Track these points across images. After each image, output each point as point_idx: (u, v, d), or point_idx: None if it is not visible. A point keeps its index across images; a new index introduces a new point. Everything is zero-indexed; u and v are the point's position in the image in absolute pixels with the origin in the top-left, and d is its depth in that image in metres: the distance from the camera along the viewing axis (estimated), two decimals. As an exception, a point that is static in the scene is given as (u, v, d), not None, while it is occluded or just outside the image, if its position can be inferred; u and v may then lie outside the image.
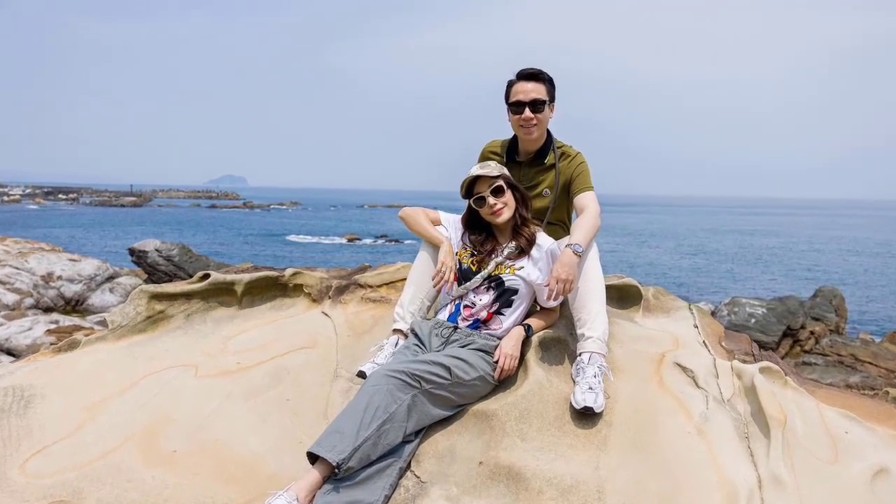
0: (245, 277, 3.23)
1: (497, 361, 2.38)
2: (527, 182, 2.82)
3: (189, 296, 3.17)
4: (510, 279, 2.53)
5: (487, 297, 2.53)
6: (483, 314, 2.52)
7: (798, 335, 13.86)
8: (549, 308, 2.62)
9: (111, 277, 15.17)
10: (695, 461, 2.10)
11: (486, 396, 2.38)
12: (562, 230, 2.89)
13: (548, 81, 2.74)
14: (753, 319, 13.69)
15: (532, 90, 2.70)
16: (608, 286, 2.77)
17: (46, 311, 12.80)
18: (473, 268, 2.58)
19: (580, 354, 2.42)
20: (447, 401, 2.26)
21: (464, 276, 2.58)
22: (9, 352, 9.74)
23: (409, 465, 2.15)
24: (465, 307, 2.54)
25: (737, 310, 14.01)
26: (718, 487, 2.01)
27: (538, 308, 2.66)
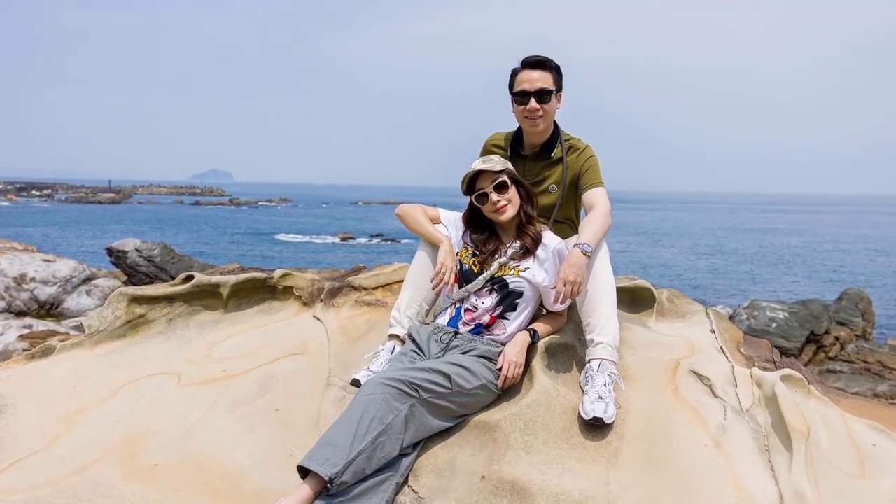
0: (231, 279, 3.23)
1: (500, 369, 2.38)
2: (532, 177, 2.82)
3: (171, 299, 3.17)
4: (514, 281, 2.53)
5: (490, 301, 2.54)
6: (485, 318, 2.53)
7: (822, 341, 13.86)
8: (556, 312, 2.62)
9: (88, 279, 15.17)
10: (712, 476, 2.10)
11: (489, 406, 2.38)
12: (570, 229, 2.90)
13: (555, 69, 2.74)
14: (774, 324, 13.69)
15: (538, 79, 2.70)
16: (619, 289, 2.77)
17: (19, 316, 12.81)
18: (475, 269, 2.58)
19: (589, 361, 2.43)
20: (447, 411, 2.26)
21: (465, 278, 2.58)
22: (-21, 359, 9.75)
23: (407, 480, 2.15)
24: (467, 311, 2.54)
25: (756, 314, 14.01)
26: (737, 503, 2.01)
27: (544, 312, 2.67)
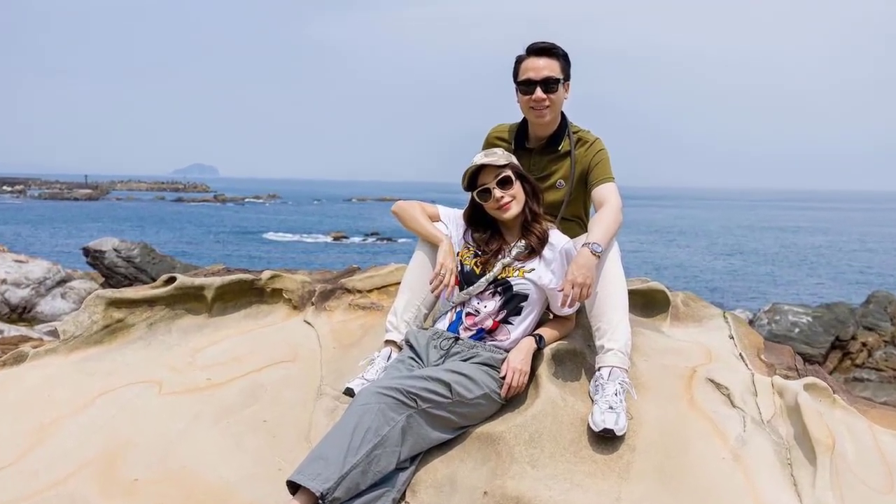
0: (216, 281, 3.23)
1: (504, 377, 2.38)
2: (538, 172, 2.82)
3: (152, 302, 3.17)
4: (519, 283, 2.53)
5: (493, 304, 2.54)
6: (488, 323, 2.53)
7: (848, 347, 13.87)
8: (564, 316, 2.62)
9: (63, 281, 15.18)
10: (730, 491, 2.10)
11: (492, 417, 2.38)
12: (578, 227, 2.90)
13: (562, 57, 2.74)
14: (797, 329, 13.70)
15: (544, 67, 2.70)
16: (631, 291, 2.77)
17: (-11, 320, 12.81)
18: (477, 270, 2.58)
19: (599, 369, 2.42)
20: (447, 422, 2.26)
21: (466, 280, 2.58)
22: (-54, 366, 9.73)
23: (404, 496, 2.15)
24: (468, 315, 2.54)
25: (778, 318, 14.03)
26: (757, 521, 2.02)
27: (551, 316, 2.66)
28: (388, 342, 2.65)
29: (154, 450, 2.39)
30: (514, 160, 2.65)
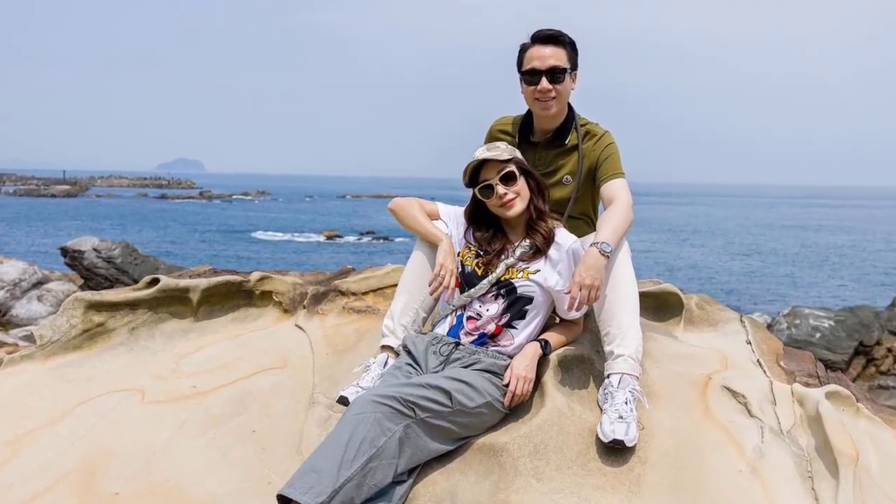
0: (202, 283, 3.23)
1: (507, 385, 2.39)
2: (544, 167, 2.82)
3: (134, 305, 3.17)
4: (523, 285, 2.54)
5: (496, 307, 2.54)
6: (490, 327, 2.53)
7: (872, 353, 13.86)
8: (571, 320, 2.62)
9: (40, 283, 15.18)
10: (747, 506, 2.10)
11: (495, 427, 2.38)
12: (586, 225, 2.90)
13: (569, 45, 2.74)
14: (818, 334, 13.70)
15: (550, 56, 2.70)
16: (642, 294, 2.78)
17: (-39, 324, 12.81)
18: (479, 271, 2.59)
19: (608, 376, 2.43)
20: (447, 432, 2.26)
21: (467, 282, 2.59)
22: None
23: (402, 511, 2.15)
24: (469, 319, 2.55)
25: (798, 322, 14.02)
26: (776, 538, 2.02)
27: (557, 320, 2.67)
28: (385, 348, 2.65)
29: (136, 462, 2.39)
30: (518, 154, 2.65)
